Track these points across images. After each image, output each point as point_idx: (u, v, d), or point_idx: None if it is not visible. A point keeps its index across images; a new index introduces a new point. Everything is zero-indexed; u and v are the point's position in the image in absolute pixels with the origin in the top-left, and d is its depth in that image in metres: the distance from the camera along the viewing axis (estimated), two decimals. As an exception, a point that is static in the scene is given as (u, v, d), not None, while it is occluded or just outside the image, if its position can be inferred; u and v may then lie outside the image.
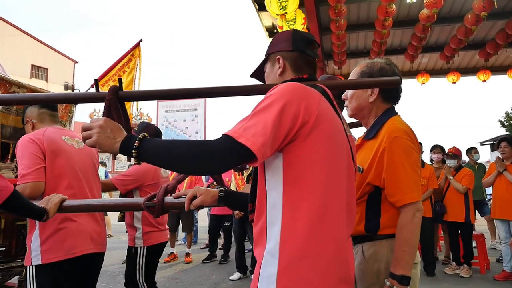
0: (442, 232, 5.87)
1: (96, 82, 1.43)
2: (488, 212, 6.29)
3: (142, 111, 18.77)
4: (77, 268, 2.01)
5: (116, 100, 1.33)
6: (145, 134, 1.07)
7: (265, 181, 1.09)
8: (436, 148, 5.81)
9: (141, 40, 4.92)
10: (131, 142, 1.06)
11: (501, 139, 5.00)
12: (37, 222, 1.89)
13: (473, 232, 5.24)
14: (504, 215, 4.52)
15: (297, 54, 1.26)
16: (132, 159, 1.12)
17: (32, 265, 1.89)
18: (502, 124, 24.21)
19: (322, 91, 1.14)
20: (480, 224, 7.03)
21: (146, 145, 1.05)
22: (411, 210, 1.41)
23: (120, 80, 1.38)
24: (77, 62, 31.47)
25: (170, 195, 1.47)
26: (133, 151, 1.04)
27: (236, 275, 4.93)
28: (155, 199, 1.44)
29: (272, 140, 0.98)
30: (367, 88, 1.58)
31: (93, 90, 1.48)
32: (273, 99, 1.03)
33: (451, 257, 5.23)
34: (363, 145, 1.62)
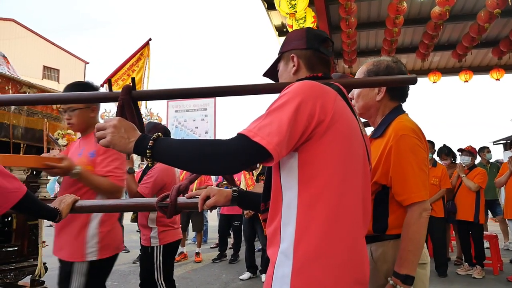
0: (453, 232, 5.80)
1: (109, 81, 1.44)
2: (501, 213, 6.19)
3: (152, 111, 18.88)
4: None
5: (129, 100, 1.33)
6: (159, 134, 1.07)
7: (280, 181, 1.08)
8: (441, 155, 5.72)
9: (150, 39, 4.94)
10: (145, 142, 1.05)
11: (515, 138, 4.92)
12: (93, 219, 2.03)
13: (486, 232, 5.17)
14: (518, 216, 4.46)
15: (311, 52, 1.25)
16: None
17: (86, 261, 1.99)
18: (515, 123, 23.83)
19: (338, 90, 1.12)
20: (493, 224, 6.92)
21: (160, 144, 1.04)
22: (417, 209, 1.40)
23: (133, 80, 1.38)
24: (88, 63, 31.81)
25: (183, 195, 1.47)
26: (147, 151, 1.03)
27: (246, 275, 4.92)
28: (167, 200, 1.44)
29: (288, 139, 0.97)
30: (383, 86, 1.56)
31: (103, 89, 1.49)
32: (288, 97, 1.02)
33: (464, 258, 5.16)
34: (370, 143, 1.61)
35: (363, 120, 1.70)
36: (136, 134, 1.09)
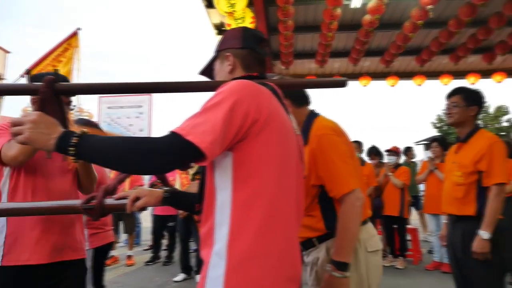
0: (380, 226, 6.20)
1: (28, 72, 1.33)
2: (421, 207, 6.77)
3: (82, 107, 17.79)
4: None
5: (51, 93, 1.24)
6: (85, 130, 1.00)
7: (214, 181, 1.06)
8: (371, 155, 6.08)
9: (79, 29, 4.61)
10: (68, 139, 0.98)
11: (433, 139, 5.39)
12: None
13: (407, 226, 5.60)
14: (435, 210, 4.86)
15: (247, 52, 1.25)
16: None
17: None
18: (434, 126, 26.10)
19: (272, 90, 1.14)
20: (414, 218, 7.51)
21: (87, 142, 0.97)
22: (349, 199, 1.47)
23: (56, 71, 1.29)
24: (9, 52, 29.14)
25: (111, 196, 1.40)
26: (70, 148, 0.97)
27: (181, 276, 4.84)
28: (94, 201, 1.36)
29: (222, 138, 0.96)
30: (315, 88, 1.62)
31: (24, 81, 1.37)
32: (223, 96, 1.01)
33: (388, 250, 5.54)
34: None
35: None
36: (58, 130, 1.01)
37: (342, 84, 1.44)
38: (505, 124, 24.45)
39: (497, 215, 2.19)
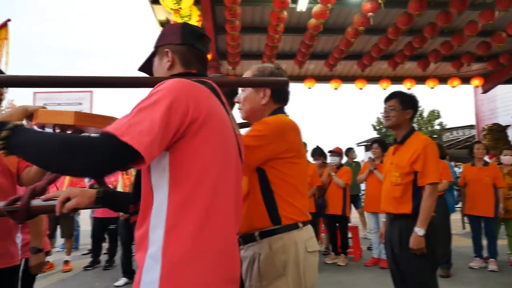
0: (323, 225, 6.38)
1: None
2: (361, 206, 7.09)
3: (15, 103, 16.51)
4: None
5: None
6: (17, 123, 0.92)
7: (151, 182, 1.01)
8: (314, 155, 6.25)
9: (8, 20, 4.24)
10: None
11: (373, 141, 5.64)
12: None
13: (349, 224, 5.81)
14: (374, 209, 5.09)
15: (186, 48, 1.21)
16: None
17: None
18: (374, 128, 27.46)
19: (211, 88, 1.11)
20: (354, 216, 7.82)
21: (19, 135, 0.90)
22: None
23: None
24: None
25: (39, 198, 1.27)
26: (0, 141, 0.89)
27: (122, 281, 4.63)
28: (19, 203, 1.23)
29: (160, 139, 0.91)
30: (257, 86, 1.61)
31: None
32: (161, 95, 0.95)
33: (331, 248, 5.71)
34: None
35: (243, 120, 1.74)
36: None
37: (283, 84, 1.44)
38: (437, 127, 26.29)
39: (430, 212, 2.32)
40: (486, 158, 5.28)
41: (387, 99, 2.58)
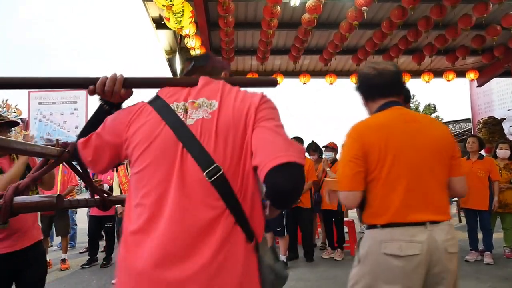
0: (320, 220, 6.38)
1: None
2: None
3: (10, 102, 16.36)
4: None
5: None
6: None
7: None
8: (310, 151, 6.24)
9: None
10: None
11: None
12: None
13: (345, 219, 5.81)
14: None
15: None
16: None
17: None
18: (371, 123, 27.58)
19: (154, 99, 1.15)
20: (351, 211, 7.83)
21: None
22: None
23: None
24: None
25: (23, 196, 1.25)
26: None
27: (119, 279, 4.63)
28: (1, 200, 1.21)
29: None
30: (246, 86, 1.59)
31: None
32: None
33: (327, 243, 5.72)
34: None
35: None
36: None
37: (272, 83, 1.42)
38: (433, 121, 26.47)
39: None
40: (482, 152, 5.28)
41: None
